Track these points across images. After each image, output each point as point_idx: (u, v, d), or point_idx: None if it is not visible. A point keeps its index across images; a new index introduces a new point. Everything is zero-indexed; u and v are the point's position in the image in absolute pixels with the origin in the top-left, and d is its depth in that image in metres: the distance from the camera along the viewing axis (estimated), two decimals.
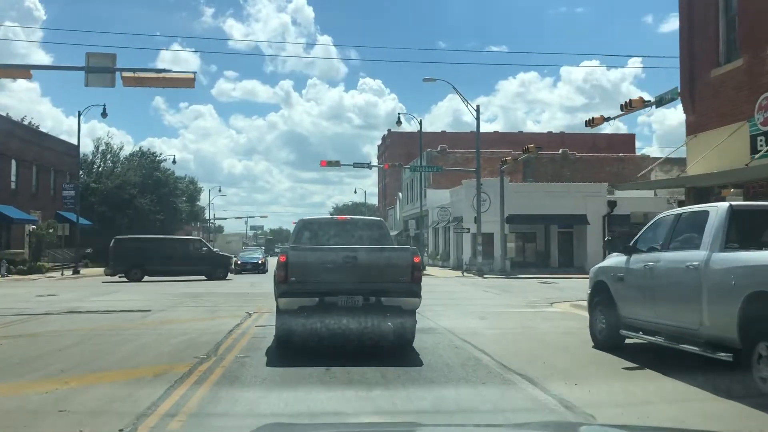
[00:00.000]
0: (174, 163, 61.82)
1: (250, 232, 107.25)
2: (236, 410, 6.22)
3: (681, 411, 6.31)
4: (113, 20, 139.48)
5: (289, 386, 7.17)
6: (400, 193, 65.83)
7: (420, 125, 45.06)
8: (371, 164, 50.14)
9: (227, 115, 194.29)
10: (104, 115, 39.15)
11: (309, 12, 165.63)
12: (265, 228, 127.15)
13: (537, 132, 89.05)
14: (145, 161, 57.11)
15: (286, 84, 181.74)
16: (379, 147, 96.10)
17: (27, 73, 19.77)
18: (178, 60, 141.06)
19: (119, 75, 18.59)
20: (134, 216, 49.83)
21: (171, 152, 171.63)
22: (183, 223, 66.29)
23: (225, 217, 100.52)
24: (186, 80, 19.40)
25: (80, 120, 38.82)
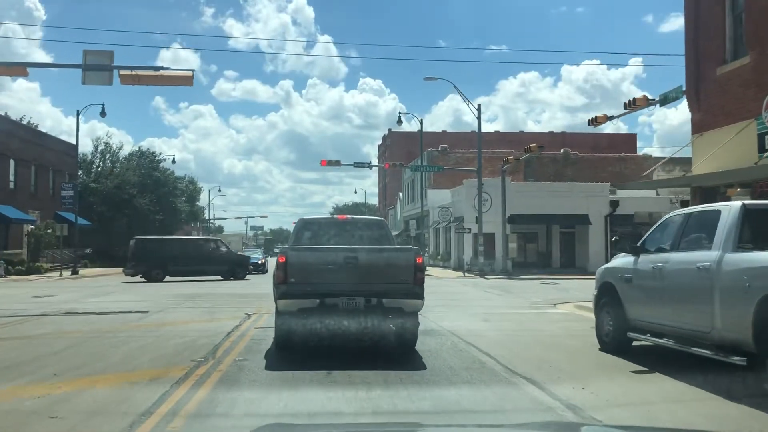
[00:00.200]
0: (173, 163, 61.88)
1: (250, 233, 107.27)
2: (234, 413, 6.13)
3: (689, 413, 6.20)
4: (114, 20, 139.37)
5: (289, 388, 7.01)
6: (401, 193, 65.63)
7: (421, 125, 44.92)
8: (372, 164, 49.87)
9: (227, 115, 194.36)
10: (103, 115, 39.23)
11: (309, 12, 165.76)
12: (265, 228, 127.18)
13: (538, 132, 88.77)
14: (145, 161, 56.89)
15: (286, 84, 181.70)
16: (380, 147, 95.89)
17: (23, 71, 19.62)
18: (178, 59, 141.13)
19: (117, 73, 18.40)
20: (133, 216, 49.61)
21: (171, 152, 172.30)
22: (182, 224, 66.00)
23: (225, 217, 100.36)
24: (184, 78, 19.22)
25: (79, 119, 38.86)
